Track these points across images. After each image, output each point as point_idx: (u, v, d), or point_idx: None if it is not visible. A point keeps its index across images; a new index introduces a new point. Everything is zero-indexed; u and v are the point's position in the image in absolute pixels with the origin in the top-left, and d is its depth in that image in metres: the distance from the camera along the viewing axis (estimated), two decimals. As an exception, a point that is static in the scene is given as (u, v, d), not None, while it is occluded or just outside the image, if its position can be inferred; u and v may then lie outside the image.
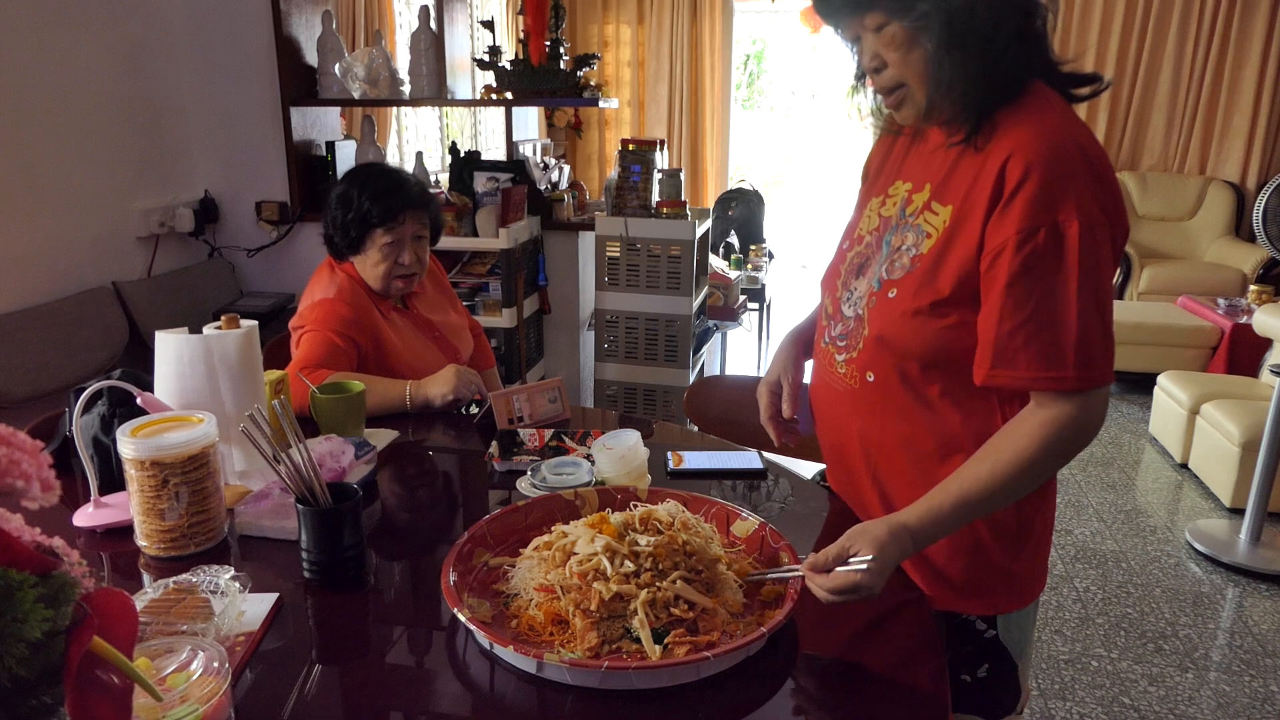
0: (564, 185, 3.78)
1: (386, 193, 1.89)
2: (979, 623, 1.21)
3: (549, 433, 1.62)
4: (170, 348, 1.36)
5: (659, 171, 3.35)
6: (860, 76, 1.16)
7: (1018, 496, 1.08)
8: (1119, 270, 5.32)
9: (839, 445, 1.29)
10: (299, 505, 1.11)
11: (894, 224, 1.17)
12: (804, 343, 1.40)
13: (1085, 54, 5.94)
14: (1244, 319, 4.34)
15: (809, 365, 1.38)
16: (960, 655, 1.22)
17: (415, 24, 3.37)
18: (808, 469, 1.60)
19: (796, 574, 1.03)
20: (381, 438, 1.62)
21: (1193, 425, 3.74)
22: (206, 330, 1.39)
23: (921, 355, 1.12)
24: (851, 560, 0.98)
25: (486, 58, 3.30)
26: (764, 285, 4.93)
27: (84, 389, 1.31)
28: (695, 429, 1.90)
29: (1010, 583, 1.20)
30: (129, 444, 1.17)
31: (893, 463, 1.20)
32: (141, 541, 1.21)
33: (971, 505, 1.05)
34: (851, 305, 1.20)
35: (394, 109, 4.77)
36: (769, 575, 1.07)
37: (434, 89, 3.40)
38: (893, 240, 1.16)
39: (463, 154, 3.48)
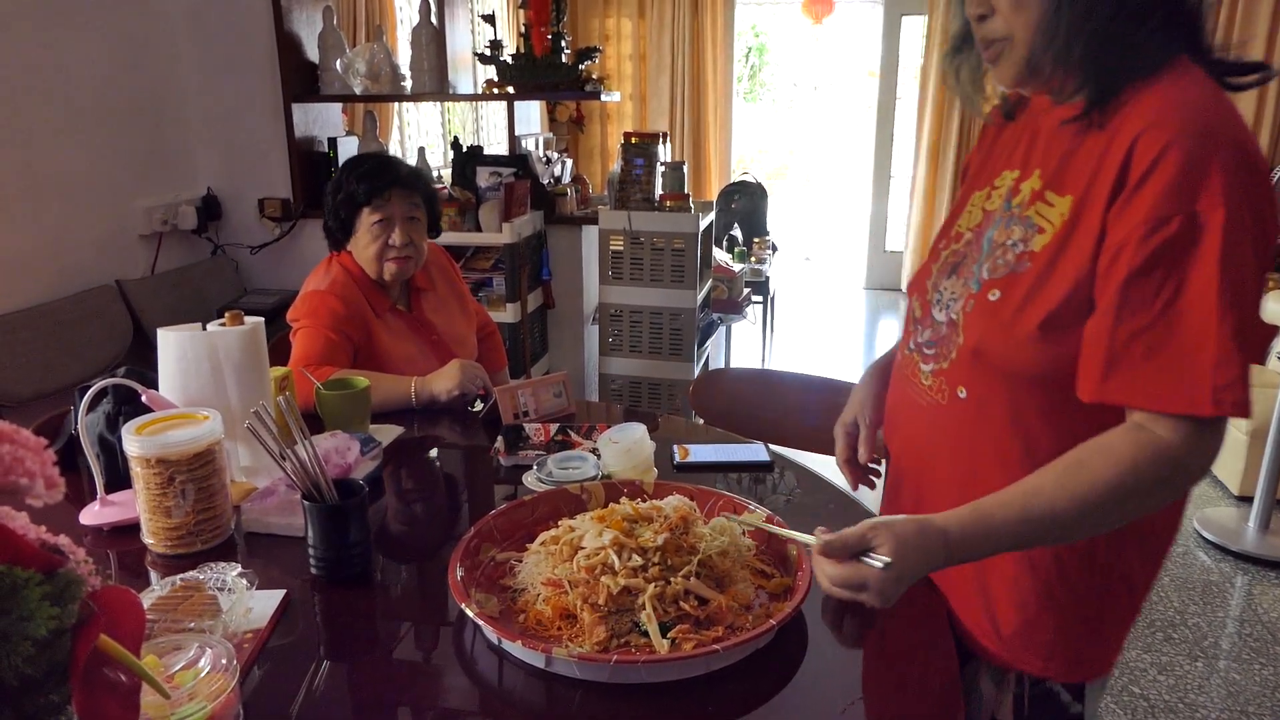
0: (567, 179, 3.77)
1: (372, 172, 1.90)
2: (1064, 694, 1.04)
3: (554, 427, 1.61)
4: (173, 345, 1.35)
5: (662, 165, 3.34)
6: (960, 35, 1.03)
7: (1088, 531, 0.92)
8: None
9: (918, 468, 1.11)
10: (305, 502, 1.11)
11: (997, 218, 1.01)
12: (887, 377, 1.22)
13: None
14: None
15: None
16: None
17: (416, 19, 3.36)
18: (813, 460, 1.60)
19: (807, 542, 0.98)
20: (387, 433, 1.62)
21: (1200, 414, 3.72)
22: (210, 327, 1.38)
23: (1027, 372, 0.95)
24: (869, 556, 0.89)
25: (488, 52, 3.29)
26: (768, 278, 4.92)
27: (89, 387, 1.31)
28: (701, 422, 1.89)
29: (1104, 646, 1.04)
30: (134, 442, 1.17)
31: (990, 489, 0.95)
32: (148, 539, 1.21)
33: (1028, 525, 0.88)
34: (943, 308, 1.03)
35: (396, 104, 4.76)
36: (777, 531, 1.06)
37: (436, 84, 3.39)
38: (995, 235, 1.00)
39: (465, 149, 3.47)
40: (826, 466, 1.60)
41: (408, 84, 3.39)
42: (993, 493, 0.91)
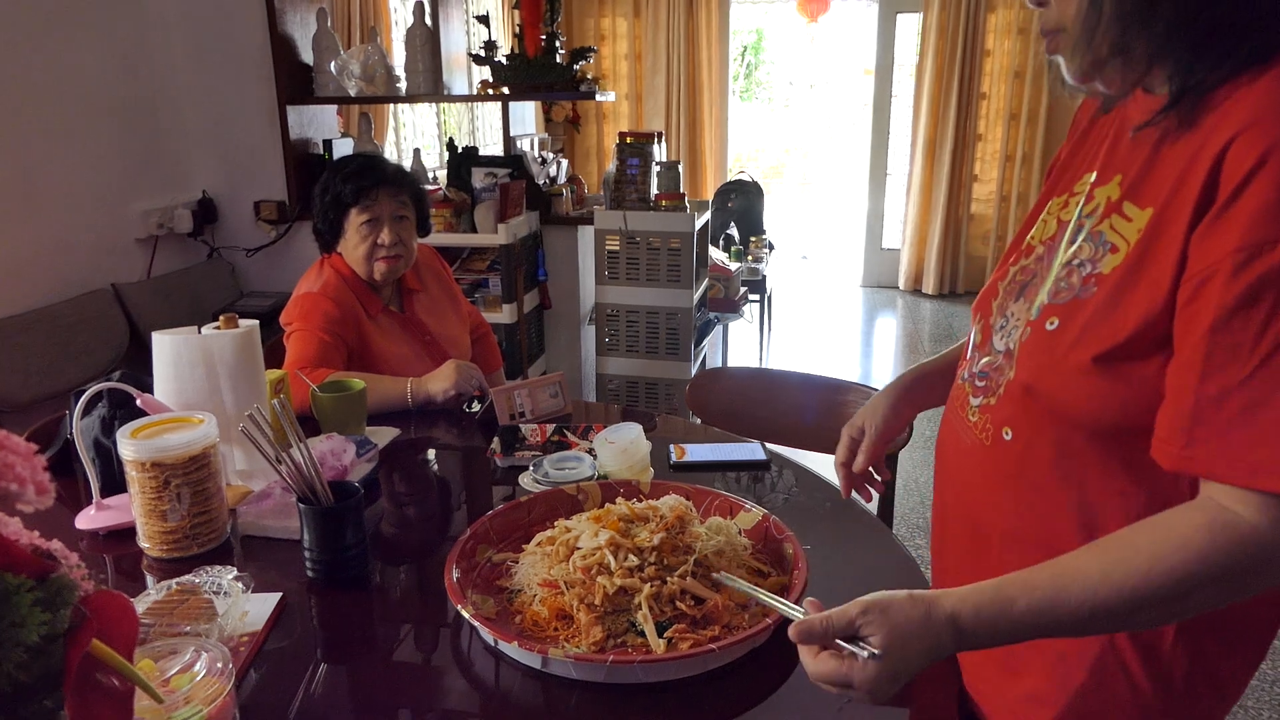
0: (562, 179, 3.77)
1: (358, 172, 1.91)
2: None
3: (551, 428, 1.61)
4: (167, 348, 1.35)
5: (657, 164, 3.34)
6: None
7: (1136, 625, 0.77)
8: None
9: (963, 513, 0.98)
10: (301, 504, 1.11)
11: (1070, 230, 0.87)
12: (920, 390, 1.13)
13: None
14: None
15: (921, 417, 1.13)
16: None
17: (410, 20, 3.35)
18: (811, 459, 1.60)
19: (791, 613, 0.85)
20: (383, 435, 1.62)
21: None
22: (205, 330, 1.38)
23: (1085, 419, 0.81)
24: (859, 644, 0.75)
25: (482, 53, 3.29)
26: (764, 276, 4.92)
27: (84, 391, 1.31)
28: (698, 421, 1.89)
29: None
30: (129, 445, 1.16)
31: (1025, 557, 0.80)
32: (144, 543, 1.21)
33: (1057, 617, 0.73)
34: (1004, 336, 0.90)
35: (391, 106, 4.76)
36: (761, 598, 0.94)
37: (430, 85, 3.38)
38: (1064, 253, 0.86)
39: (460, 150, 3.47)
40: (825, 465, 1.60)
41: (402, 85, 3.39)
42: (1021, 569, 0.76)
